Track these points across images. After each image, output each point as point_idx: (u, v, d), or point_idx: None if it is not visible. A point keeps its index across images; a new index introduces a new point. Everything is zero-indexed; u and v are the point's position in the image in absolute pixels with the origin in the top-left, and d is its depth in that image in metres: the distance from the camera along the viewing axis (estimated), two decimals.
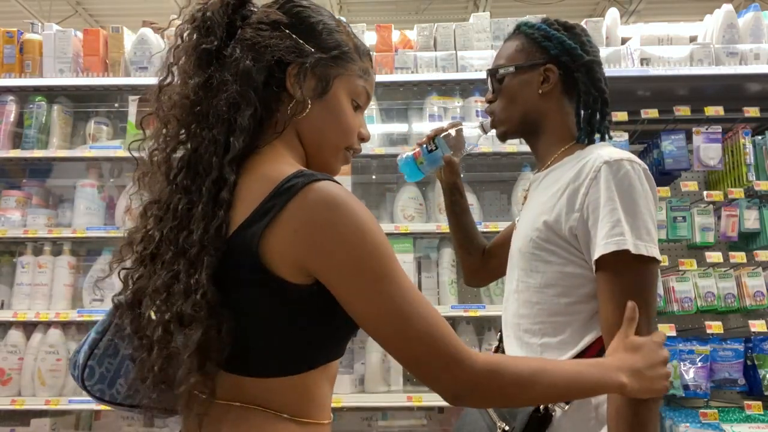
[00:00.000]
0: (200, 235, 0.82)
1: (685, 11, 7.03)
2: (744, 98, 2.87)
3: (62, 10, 7.77)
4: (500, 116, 1.35)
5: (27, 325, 2.85)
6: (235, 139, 0.87)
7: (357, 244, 0.81)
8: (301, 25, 0.96)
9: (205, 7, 0.94)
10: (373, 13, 7.62)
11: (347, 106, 0.99)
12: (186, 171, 0.88)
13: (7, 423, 2.82)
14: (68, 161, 3.09)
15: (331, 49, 0.97)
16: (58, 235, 2.88)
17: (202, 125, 0.89)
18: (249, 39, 0.92)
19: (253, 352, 0.86)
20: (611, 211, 1.10)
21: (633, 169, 1.12)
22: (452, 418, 2.84)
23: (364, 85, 1.01)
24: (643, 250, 1.08)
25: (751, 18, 3.02)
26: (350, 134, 1.00)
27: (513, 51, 1.33)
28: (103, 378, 0.96)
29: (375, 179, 3.15)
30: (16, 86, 3.03)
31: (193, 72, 0.91)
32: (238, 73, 0.90)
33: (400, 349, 0.84)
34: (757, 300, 2.64)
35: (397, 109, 3.10)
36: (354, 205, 0.83)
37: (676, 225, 2.74)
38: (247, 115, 0.88)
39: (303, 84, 0.93)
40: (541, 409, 1.13)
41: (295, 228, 0.81)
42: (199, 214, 0.84)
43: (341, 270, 0.82)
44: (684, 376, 2.57)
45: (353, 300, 0.83)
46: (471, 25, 3.10)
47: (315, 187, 0.82)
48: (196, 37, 0.92)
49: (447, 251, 2.89)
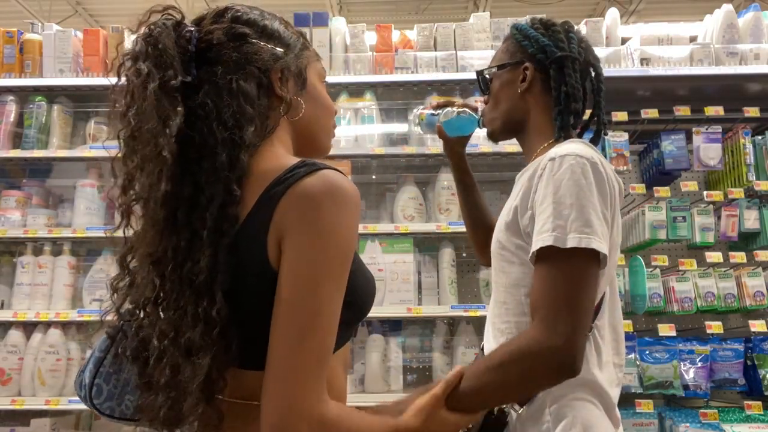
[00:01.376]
0: (208, 261, 0.83)
1: (685, 11, 7.03)
2: (744, 98, 2.87)
3: (62, 10, 7.76)
4: (487, 116, 1.39)
5: (27, 325, 2.85)
6: (243, 155, 0.87)
7: (327, 234, 0.82)
8: (264, 31, 0.98)
9: (152, 38, 0.89)
10: (373, 13, 7.62)
11: (322, 88, 1.05)
12: (185, 208, 0.87)
13: (7, 423, 2.82)
14: (68, 161, 3.08)
15: (293, 45, 1.01)
16: (58, 235, 2.87)
17: (202, 155, 0.87)
18: (228, 60, 0.92)
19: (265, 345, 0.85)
20: (545, 208, 1.09)
21: (576, 163, 1.09)
22: None
23: (322, 66, 1.08)
24: (573, 242, 1.04)
25: (751, 18, 3.02)
26: (333, 113, 1.08)
27: (500, 53, 1.38)
28: (111, 395, 0.96)
29: (375, 179, 3.15)
30: (16, 86, 3.02)
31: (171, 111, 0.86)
32: (234, 94, 0.90)
33: (282, 346, 0.80)
34: (757, 300, 2.64)
35: (397, 109, 3.10)
36: (350, 203, 0.84)
37: (676, 225, 2.74)
38: (251, 131, 0.89)
39: (287, 84, 0.97)
40: (495, 411, 1.13)
41: (292, 204, 0.83)
42: (206, 241, 0.84)
43: (299, 247, 0.81)
44: (684, 376, 2.57)
45: (289, 281, 0.81)
46: (471, 25, 3.10)
47: (322, 173, 0.85)
48: (162, 73, 0.87)
49: (447, 251, 2.89)
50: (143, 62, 0.88)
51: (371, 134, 2.97)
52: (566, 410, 1.11)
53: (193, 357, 0.82)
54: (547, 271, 1.07)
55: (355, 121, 2.98)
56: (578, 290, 1.04)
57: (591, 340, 1.15)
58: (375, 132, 2.98)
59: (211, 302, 0.82)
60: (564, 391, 1.11)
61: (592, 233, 1.05)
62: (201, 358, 0.82)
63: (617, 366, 1.20)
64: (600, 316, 1.18)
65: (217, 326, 0.82)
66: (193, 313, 0.83)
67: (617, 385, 1.19)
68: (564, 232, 1.05)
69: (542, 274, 1.08)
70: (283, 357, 0.80)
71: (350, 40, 3.12)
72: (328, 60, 3.01)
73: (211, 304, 0.82)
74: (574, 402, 1.12)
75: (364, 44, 3.10)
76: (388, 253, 2.78)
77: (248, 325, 0.86)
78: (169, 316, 0.85)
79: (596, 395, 1.14)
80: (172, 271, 0.86)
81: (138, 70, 0.88)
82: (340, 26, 3.11)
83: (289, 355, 0.80)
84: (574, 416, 1.11)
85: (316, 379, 0.80)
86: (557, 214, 1.07)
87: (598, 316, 1.18)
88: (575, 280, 1.05)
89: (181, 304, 0.85)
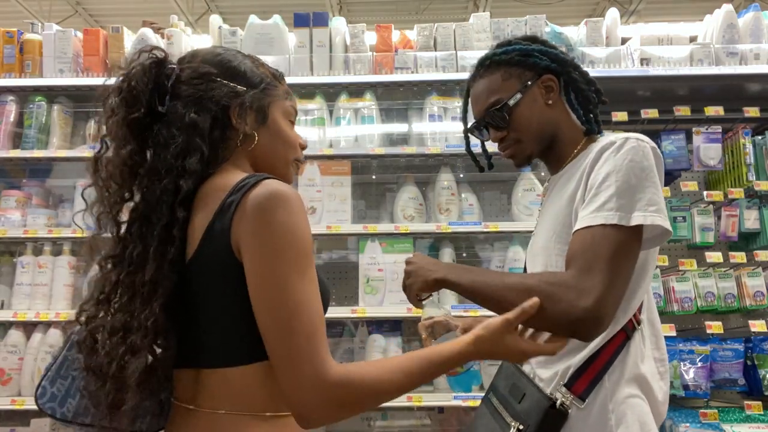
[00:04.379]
0: (152, 275, 0.95)
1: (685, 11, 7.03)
2: (744, 98, 2.87)
3: (62, 10, 7.77)
4: (523, 144, 1.31)
5: (27, 325, 2.85)
6: (185, 182, 0.99)
7: (282, 235, 0.91)
8: (228, 71, 1.09)
9: (128, 77, 1.04)
10: (373, 13, 7.63)
11: (285, 125, 1.14)
12: (139, 223, 1.00)
13: (7, 423, 2.82)
14: (68, 161, 3.08)
15: (258, 84, 1.11)
16: (58, 235, 2.87)
17: (151, 179, 1.00)
18: (189, 95, 1.04)
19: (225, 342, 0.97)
20: (608, 186, 1.10)
21: (639, 146, 1.13)
22: (452, 419, 2.84)
23: (291, 103, 1.17)
24: (638, 220, 1.06)
25: (751, 18, 3.02)
26: (294, 147, 1.16)
27: (501, 82, 1.30)
28: (54, 397, 1.04)
29: (375, 179, 3.15)
30: (16, 86, 3.03)
31: (125, 140, 1.02)
32: (184, 126, 1.01)
33: (274, 339, 0.90)
34: (757, 300, 2.64)
35: (397, 109, 3.10)
36: (294, 205, 0.94)
37: (677, 225, 2.74)
38: (195, 160, 1.00)
39: (246, 119, 1.08)
40: (557, 405, 1.13)
41: (246, 212, 0.93)
42: (151, 256, 0.96)
43: (261, 251, 0.91)
44: (684, 376, 2.57)
45: (258, 282, 0.91)
46: (471, 25, 3.10)
47: (266, 182, 0.96)
48: (125, 109, 1.02)
49: (447, 251, 2.89)
50: (115, 97, 1.04)
51: (371, 134, 2.97)
52: (625, 409, 1.14)
53: (135, 356, 0.94)
54: (593, 233, 1.07)
55: (355, 121, 2.98)
56: (621, 256, 1.05)
57: (639, 334, 1.18)
58: (375, 132, 2.98)
59: (151, 313, 0.94)
60: (620, 387, 1.14)
61: (657, 211, 1.08)
62: (139, 358, 0.94)
63: (658, 360, 1.22)
64: (643, 310, 1.20)
65: (152, 334, 0.94)
66: (137, 318, 0.95)
67: (660, 378, 1.21)
68: (629, 211, 1.07)
69: (586, 233, 1.08)
70: (278, 355, 0.90)
71: (350, 40, 3.12)
72: (328, 60, 3.02)
73: (150, 315, 0.94)
74: (630, 400, 1.15)
75: (364, 44, 3.10)
76: (388, 253, 2.78)
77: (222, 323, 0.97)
78: (120, 317, 0.97)
79: (644, 392, 1.17)
80: (125, 276, 0.98)
81: (110, 104, 1.05)
82: (340, 26, 3.11)
83: (280, 350, 0.90)
84: (633, 416, 1.14)
85: (309, 355, 0.88)
86: (621, 193, 1.08)
87: (642, 311, 1.19)
88: (621, 247, 1.06)
89: (130, 307, 0.96)
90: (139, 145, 1.03)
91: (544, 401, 1.14)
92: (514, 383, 1.24)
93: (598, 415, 1.14)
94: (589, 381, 1.14)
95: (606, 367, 1.15)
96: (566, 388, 1.15)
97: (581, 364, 1.16)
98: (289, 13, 3.15)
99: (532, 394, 1.17)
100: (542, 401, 1.14)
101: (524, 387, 1.20)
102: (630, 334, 1.17)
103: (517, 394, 1.20)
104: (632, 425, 1.13)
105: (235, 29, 3.12)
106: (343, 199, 2.85)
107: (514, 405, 1.19)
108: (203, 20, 7.82)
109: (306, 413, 0.89)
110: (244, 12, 4.26)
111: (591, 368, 1.15)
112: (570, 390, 1.14)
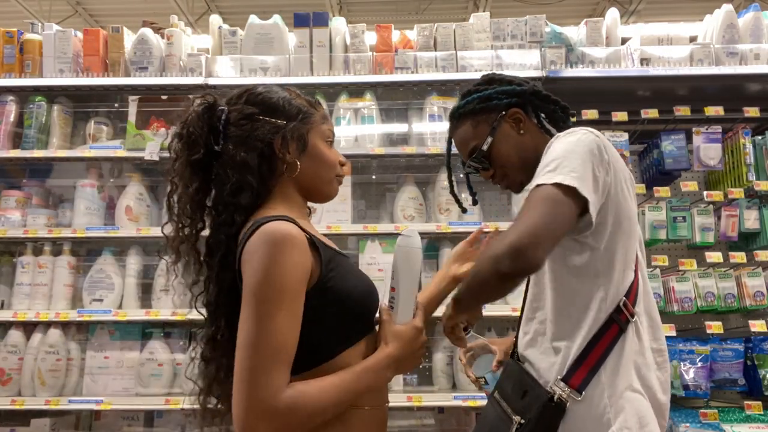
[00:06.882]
0: (215, 297, 1.16)
1: (685, 11, 7.03)
2: (744, 98, 2.87)
3: (62, 10, 7.77)
4: (510, 176, 1.42)
5: (27, 325, 2.85)
6: (238, 215, 1.15)
7: (265, 273, 1.04)
8: (268, 108, 1.21)
9: (186, 123, 1.19)
10: (373, 13, 7.63)
11: (324, 148, 1.26)
12: (207, 251, 1.18)
13: (7, 423, 2.82)
14: (68, 161, 3.09)
15: (297, 115, 1.22)
16: (58, 235, 2.88)
17: (212, 214, 1.18)
18: (237, 136, 1.18)
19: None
20: (547, 164, 1.19)
21: (582, 132, 1.23)
22: (452, 418, 2.84)
23: (327, 127, 1.29)
24: (558, 179, 1.13)
25: (751, 18, 3.02)
26: (335, 167, 1.28)
27: (472, 131, 1.42)
28: None
29: (375, 179, 3.15)
30: (16, 86, 3.03)
31: (191, 179, 1.18)
32: (236, 165, 1.15)
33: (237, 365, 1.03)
34: (757, 300, 2.65)
35: (397, 109, 3.10)
36: (278, 248, 1.05)
37: (676, 225, 2.74)
38: (247, 197, 1.16)
39: (289, 149, 1.20)
40: (555, 399, 1.16)
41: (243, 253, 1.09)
42: (214, 280, 1.16)
43: (248, 284, 1.06)
44: (684, 376, 2.57)
45: (242, 308, 1.06)
46: (471, 25, 3.10)
47: (263, 227, 1.08)
48: (187, 152, 1.18)
49: (447, 251, 2.88)
50: (177, 143, 1.20)
51: (371, 134, 2.97)
52: (623, 402, 1.17)
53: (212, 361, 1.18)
54: (527, 198, 1.17)
55: (355, 121, 2.98)
56: (543, 204, 1.13)
57: (633, 327, 1.22)
58: (375, 132, 2.98)
59: (217, 328, 1.15)
60: (617, 380, 1.18)
61: (577, 178, 1.14)
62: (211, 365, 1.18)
63: (656, 351, 1.26)
64: (637, 302, 1.24)
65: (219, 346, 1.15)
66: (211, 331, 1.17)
67: (658, 369, 1.25)
68: (554, 175, 1.15)
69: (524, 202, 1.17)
70: (237, 379, 1.02)
71: (350, 40, 3.12)
72: (328, 60, 3.02)
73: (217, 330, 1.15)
74: (628, 394, 1.18)
75: (364, 44, 3.10)
76: (388, 253, 2.78)
77: None
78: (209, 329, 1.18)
79: (642, 384, 1.20)
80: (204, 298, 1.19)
81: (173, 149, 1.21)
82: (340, 26, 3.11)
83: (239, 375, 1.01)
84: (631, 409, 1.17)
85: (265, 383, 0.99)
86: (552, 167, 1.17)
87: (636, 303, 1.23)
88: (543, 198, 1.14)
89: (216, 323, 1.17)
90: (203, 182, 1.19)
91: (543, 396, 1.18)
92: (518, 381, 1.28)
93: (595, 407, 1.17)
94: (586, 374, 1.18)
95: (601, 360, 1.19)
96: (564, 382, 1.18)
97: (577, 356, 1.19)
98: (289, 13, 3.15)
99: (533, 390, 1.22)
100: (541, 396, 1.18)
101: (526, 384, 1.24)
102: (624, 326, 1.20)
103: (520, 391, 1.25)
104: (630, 418, 1.16)
105: (235, 29, 3.12)
106: (343, 199, 2.85)
107: (517, 401, 1.24)
108: (203, 20, 7.82)
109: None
110: (244, 12, 4.25)
111: (587, 361, 1.19)
112: (567, 383, 1.18)
